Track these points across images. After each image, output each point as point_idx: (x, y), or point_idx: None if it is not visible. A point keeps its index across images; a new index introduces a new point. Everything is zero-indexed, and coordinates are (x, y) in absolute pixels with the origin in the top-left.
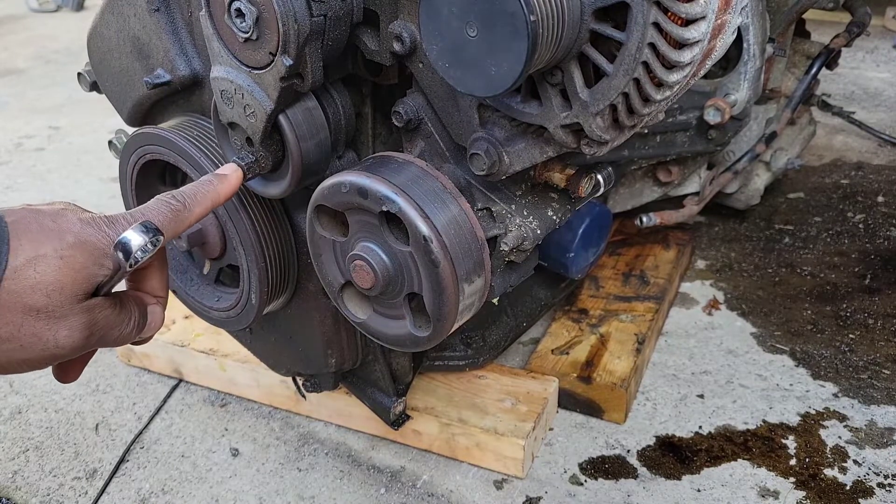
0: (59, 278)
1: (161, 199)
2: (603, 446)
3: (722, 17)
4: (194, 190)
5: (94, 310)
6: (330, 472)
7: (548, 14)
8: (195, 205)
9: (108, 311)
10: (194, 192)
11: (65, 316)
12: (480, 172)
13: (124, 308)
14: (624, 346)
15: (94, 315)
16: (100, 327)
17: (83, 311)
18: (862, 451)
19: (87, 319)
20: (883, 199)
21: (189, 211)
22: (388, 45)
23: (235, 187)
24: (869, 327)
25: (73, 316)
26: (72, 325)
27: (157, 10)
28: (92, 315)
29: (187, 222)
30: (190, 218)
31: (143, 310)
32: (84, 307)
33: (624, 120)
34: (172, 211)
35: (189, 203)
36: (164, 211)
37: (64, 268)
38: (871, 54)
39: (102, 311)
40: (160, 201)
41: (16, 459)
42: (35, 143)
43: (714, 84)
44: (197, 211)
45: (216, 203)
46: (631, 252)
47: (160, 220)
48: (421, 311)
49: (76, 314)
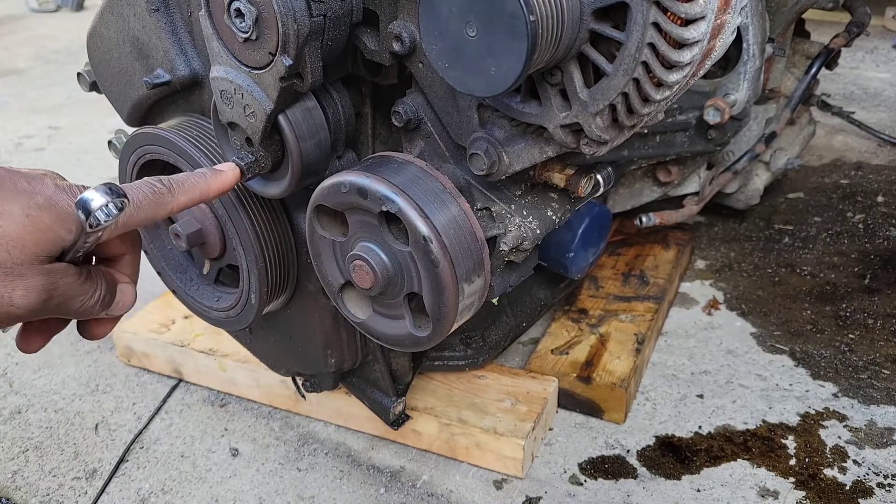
0: (21, 235)
1: (146, 180)
2: (603, 446)
3: (721, 17)
4: (184, 178)
5: (56, 273)
6: (330, 472)
7: (548, 14)
8: (180, 192)
9: (71, 278)
10: (183, 180)
11: (23, 275)
12: (480, 172)
13: (90, 279)
14: (624, 346)
15: (54, 279)
16: (60, 293)
17: (43, 272)
18: (862, 451)
19: (46, 282)
20: (883, 199)
21: (172, 195)
22: (387, 45)
23: (229, 185)
24: (869, 327)
25: (32, 276)
26: (29, 284)
27: (157, 10)
28: (52, 278)
29: (168, 207)
30: (172, 203)
31: (111, 286)
32: (45, 269)
33: (623, 120)
34: (154, 192)
35: (174, 189)
36: (144, 190)
37: (28, 225)
38: (871, 54)
39: (65, 278)
40: (144, 181)
41: (16, 459)
42: (35, 143)
43: (714, 84)
44: (181, 199)
45: (205, 196)
46: (631, 252)
47: (138, 196)
48: (421, 311)
49: (35, 275)
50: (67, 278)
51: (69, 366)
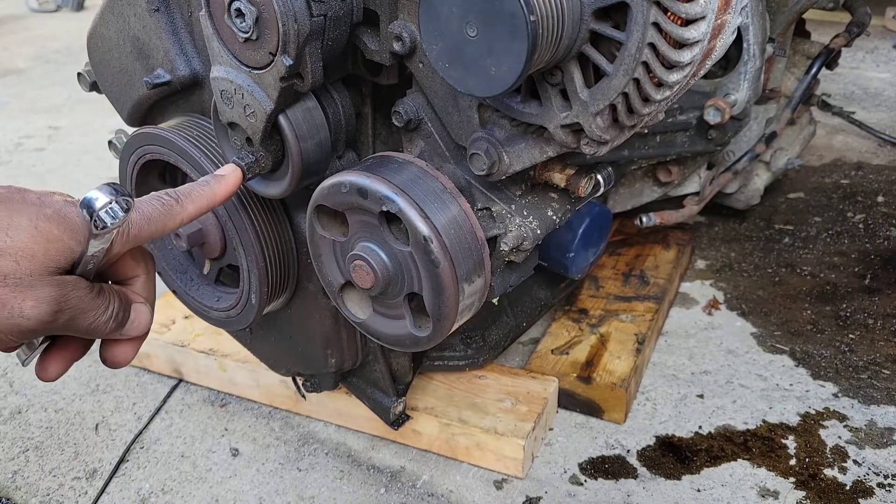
0: (30, 245)
1: (154, 194)
2: (603, 446)
3: (722, 17)
4: (190, 188)
5: (66, 285)
6: (330, 472)
7: (548, 14)
8: (189, 202)
9: (83, 291)
10: (189, 190)
11: (32, 286)
12: (480, 172)
13: (102, 294)
14: (624, 346)
15: (65, 290)
16: (71, 306)
17: (54, 284)
18: (862, 451)
19: (56, 294)
20: (883, 199)
21: (181, 206)
22: (388, 45)
23: (233, 188)
24: (869, 327)
25: (42, 287)
26: (39, 296)
27: (157, 11)
28: (63, 290)
29: (179, 218)
30: (182, 214)
31: (125, 304)
32: (56, 280)
33: (624, 120)
34: (164, 205)
35: (182, 200)
36: (154, 204)
37: (38, 236)
38: (871, 54)
39: (75, 291)
40: (152, 195)
41: (16, 459)
42: (35, 143)
43: (714, 84)
44: (190, 209)
45: (213, 203)
46: (631, 252)
47: (147, 209)
48: (421, 311)
49: (46, 286)
50: (79, 291)
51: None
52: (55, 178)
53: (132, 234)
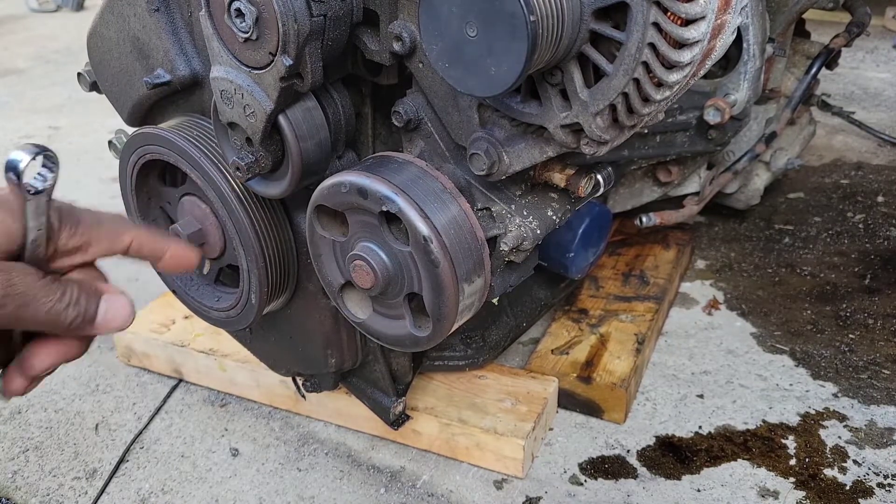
0: None
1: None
2: (603, 446)
3: (722, 17)
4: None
5: (11, 270)
6: (330, 472)
7: (548, 14)
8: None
9: (31, 277)
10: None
11: None
12: (480, 172)
13: (56, 282)
14: (624, 346)
15: (10, 276)
16: (18, 291)
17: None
18: (862, 451)
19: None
20: (883, 199)
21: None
22: (388, 45)
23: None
24: (869, 327)
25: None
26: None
27: (157, 10)
28: (6, 274)
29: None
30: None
31: (90, 296)
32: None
33: (624, 120)
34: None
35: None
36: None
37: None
38: (871, 54)
39: (22, 276)
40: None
41: (16, 459)
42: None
43: (714, 84)
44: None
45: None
46: (631, 252)
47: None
48: (421, 311)
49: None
50: (26, 277)
51: (69, 366)
52: None
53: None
